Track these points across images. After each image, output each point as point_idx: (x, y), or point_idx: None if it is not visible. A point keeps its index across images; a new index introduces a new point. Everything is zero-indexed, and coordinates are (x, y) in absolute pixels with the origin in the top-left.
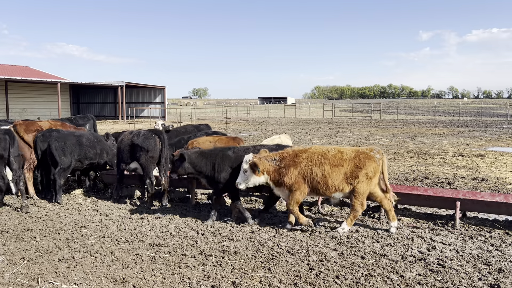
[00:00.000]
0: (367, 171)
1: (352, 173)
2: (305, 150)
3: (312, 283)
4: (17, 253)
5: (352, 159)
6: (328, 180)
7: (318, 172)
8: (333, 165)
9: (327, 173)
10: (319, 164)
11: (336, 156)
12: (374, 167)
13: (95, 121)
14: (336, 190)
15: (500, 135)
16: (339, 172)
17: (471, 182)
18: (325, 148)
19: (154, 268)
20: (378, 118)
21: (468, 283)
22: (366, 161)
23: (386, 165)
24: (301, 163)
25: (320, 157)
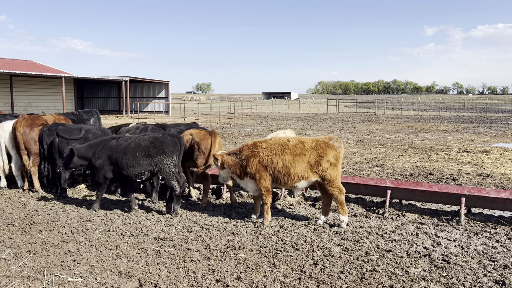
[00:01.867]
0: (329, 159)
1: (316, 161)
2: (265, 141)
3: (316, 278)
4: (23, 246)
5: (314, 148)
6: (290, 169)
7: (279, 161)
8: (295, 154)
9: (289, 162)
10: (280, 154)
11: (297, 146)
12: (335, 154)
13: (99, 115)
14: (300, 179)
15: (505, 131)
16: (301, 161)
17: (476, 178)
18: (286, 138)
19: (159, 262)
20: (382, 113)
21: (473, 279)
22: (327, 149)
23: (342, 155)
24: (260, 153)
25: (281, 147)
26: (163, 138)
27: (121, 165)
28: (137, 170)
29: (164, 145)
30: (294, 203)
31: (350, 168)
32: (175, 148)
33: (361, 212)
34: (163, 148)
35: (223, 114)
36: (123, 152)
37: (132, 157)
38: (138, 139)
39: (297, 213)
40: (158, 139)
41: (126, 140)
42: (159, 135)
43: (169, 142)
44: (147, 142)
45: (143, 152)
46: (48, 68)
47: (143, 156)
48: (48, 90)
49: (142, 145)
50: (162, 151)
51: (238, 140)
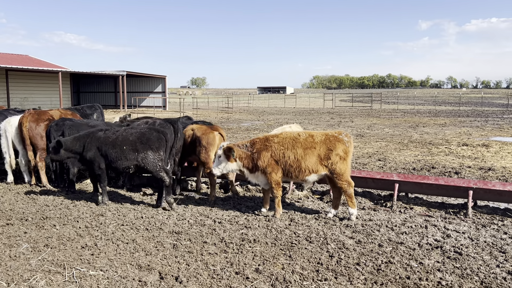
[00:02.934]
0: (338, 152)
1: (325, 154)
2: (276, 135)
3: (334, 270)
4: (40, 241)
5: (323, 141)
6: (302, 163)
7: (290, 155)
8: (306, 148)
9: (300, 156)
10: (291, 147)
11: (307, 139)
12: (344, 148)
13: (102, 110)
14: (311, 172)
15: (502, 125)
16: (312, 154)
17: (478, 171)
18: (296, 132)
19: (177, 255)
20: (379, 108)
21: (486, 270)
22: (336, 143)
23: (352, 150)
24: (272, 147)
25: (292, 141)
26: (150, 134)
27: (110, 157)
28: (124, 163)
29: (150, 141)
30: (302, 197)
31: (353, 162)
32: (161, 144)
33: (369, 205)
34: (150, 144)
35: (220, 108)
36: (112, 145)
37: (120, 150)
38: (125, 132)
39: (306, 207)
40: (145, 135)
41: (114, 133)
42: (146, 131)
43: (155, 138)
44: (135, 137)
45: (130, 146)
46: (44, 63)
47: (130, 150)
48: (44, 85)
49: (130, 140)
50: (149, 147)
51: (238, 134)
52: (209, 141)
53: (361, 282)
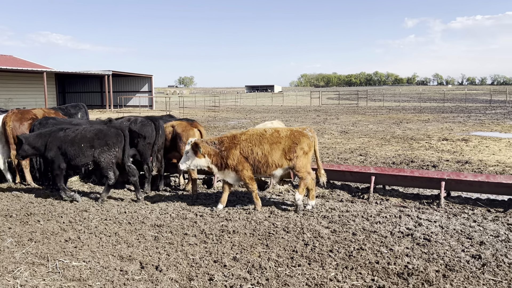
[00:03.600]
0: (302, 146)
1: (290, 149)
2: (244, 132)
3: (308, 256)
4: (24, 235)
5: (288, 136)
6: (269, 158)
7: (258, 151)
8: (272, 143)
9: (267, 151)
10: (259, 144)
11: (273, 134)
12: (308, 143)
13: (87, 109)
14: (277, 166)
15: (483, 120)
16: (277, 149)
17: (455, 164)
18: (262, 129)
19: (158, 247)
20: (365, 105)
21: (452, 255)
22: (300, 137)
23: (317, 144)
24: (241, 145)
25: (259, 137)
26: (107, 130)
27: (70, 155)
28: (83, 160)
29: (107, 137)
30: (283, 191)
31: (335, 158)
32: (118, 140)
33: (347, 197)
34: (106, 140)
35: (207, 107)
36: (71, 143)
37: (79, 147)
38: (84, 130)
39: (286, 200)
40: (102, 131)
41: (74, 131)
42: (104, 128)
43: (112, 134)
44: (92, 134)
45: (88, 143)
46: (28, 63)
47: (88, 147)
48: (29, 85)
49: (88, 137)
50: (105, 143)
51: (224, 132)
52: (189, 137)
53: (332, 267)
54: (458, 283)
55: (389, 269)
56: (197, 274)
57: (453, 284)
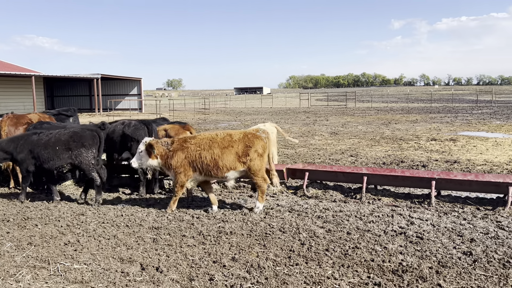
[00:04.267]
0: (256, 149)
1: (244, 152)
2: (195, 136)
3: (304, 255)
4: (23, 239)
5: (242, 139)
6: (219, 161)
7: (207, 156)
8: (223, 147)
9: (217, 155)
10: (208, 148)
11: (225, 138)
12: (263, 145)
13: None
14: (229, 169)
15: (470, 120)
16: (229, 153)
17: (444, 164)
18: (214, 133)
19: (157, 248)
20: (353, 106)
21: (444, 251)
22: (254, 140)
23: (271, 146)
24: (189, 148)
25: (209, 141)
26: (82, 132)
27: (43, 158)
28: (57, 163)
29: (83, 139)
30: (277, 192)
31: (326, 159)
32: (94, 142)
33: (340, 198)
34: (82, 142)
35: (197, 110)
36: (44, 146)
37: (53, 150)
38: (58, 133)
39: (280, 201)
40: (77, 133)
41: (47, 135)
42: (79, 130)
43: (88, 136)
44: (67, 136)
45: (63, 145)
46: (15, 67)
47: (63, 149)
48: (16, 89)
49: (62, 139)
50: (82, 144)
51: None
52: None
53: (329, 265)
54: (451, 278)
55: (384, 267)
56: (198, 275)
57: (446, 280)
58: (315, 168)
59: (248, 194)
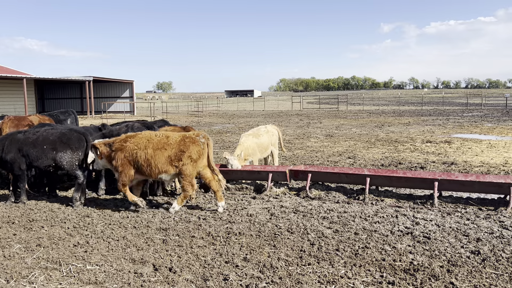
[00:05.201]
0: (190, 154)
1: (176, 156)
2: (134, 135)
3: (316, 256)
4: (31, 241)
5: (177, 143)
6: (152, 162)
7: (142, 155)
8: (157, 148)
9: (150, 156)
10: (144, 148)
11: (161, 140)
12: (198, 150)
13: (76, 115)
14: (161, 172)
15: (462, 123)
16: (162, 155)
17: (442, 166)
18: (154, 133)
19: (167, 249)
20: (345, 109)
21: (452, 251)
22: (190, 145)
23: (212, 149)
24: (127, 147)
25: (146, 141)
26: (70, 134)
27: (31, 157)
28: (45, 162)
29: (70, 141)
30: (280, 194)
31: (324, 161)
32: (81, 145)
33: (343, 199)
34: (69, 144)
35: (190, 112)
36: (33, 145)
37: (41, 150)
38: (46, 133)
39: (284, 202)
40: (65, 135)
41: (35, 133)
42: (67, 131)
43: (75, 139)
44: (55, 137)
45: (50, 145)
46: (6, 69)
47: (50, 149)
48: (7, 92)
49: (50, 139)
50: (68, 146)
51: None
52: None
53: (341, 265)
54: (463, 277)
55: (395, 266)
56: (212, 275)
57: (458, 278)
58: (318, 169)
59: (251, 195)
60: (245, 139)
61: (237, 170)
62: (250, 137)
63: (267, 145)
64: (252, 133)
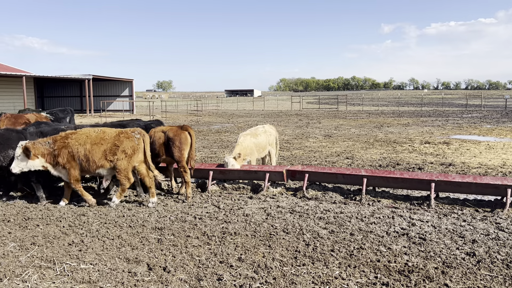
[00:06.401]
0: (124, 149)
1: (111, 150)
2: (75, 132)
3: (310, 256)
4: (26, 240)
5: (112, 138)
6: (90, 157)
7: (82, 150)
8: (94, 143)
9: (88, 151)
10: (83, 143)
11: (98, 136)
12: (133, 145)
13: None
14: (98, 167)
15: (461, 124)
16: (98, 150)
17: (440, 167)
18: (93, 129)
19: (162, 249)
20: (344, 109)
21: (447, 252)
22: (124, 140)
23: (148, 145)
24: (70, 144)
25: (85, 137)
26: (8, 134)
27: None
28: None
29: (9, 141)
30: (277, 194)
31: (322, 161)
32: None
33: (339, 199)
34: (9, 144)
35: (189, 111)
36: None
37: None
38: None
39: (280, 203)
40: (3, 135)
41: None
42: (4, 131)
43: (14, 138)
44: None
45: None
46: (5, 67)
47: None
48: (6, 89)
49: None
50: (9, 146)
51: (209, 137)
52: (181, 140)
53: (336, 265)
54: (457, 278)
55: (390, 267)
56: (205, 275)
57: (453, 280)
58: (315, 169)
59: (248, 195)
60: (243, 139)
61: (234, 170)
62: (248, 137)
63: (265, 145)
64: (250, 133)
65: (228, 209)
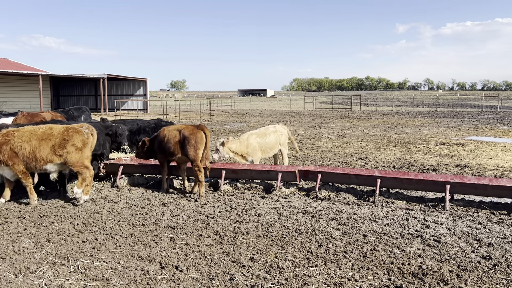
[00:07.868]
0: (74, 143)
1: (60, 145)
2: (18, 129)
3: (323, 257)
4: (41, 236)
5: (61, 133)
6: (37, 153)
7: (26, 147)
8: (41, 139)
9: (35, 147)
10: (28, 140)
11: (45, 132)
12: (82, 139)
13: (90, 112)
14: (46, 162)
15: (477, 125)
16: (46, 146)
17: (455, 168)
18: (37, 126)
19: (175, 247)
20: (358, 109)
21: (462, 255)
22: (73, 134)
23: (95, 140)
24: (11, 141)
25: (30, 134)
26: None
27: None
28: None
29: None
30: (289, 194)
31: (335, 161)
32: None
33: (352, 200)
34: None
35: (203, 111)
36: None
37: None
38: None
39: (293, 203)
40: None
41: None
42: None
43: None
44: None
45: None
46: (23, 66)
47: None
48: (23, 88)
49: None
50: None
51: (222, 136)
52: (197, 139)
53: (349, 267)
54: (472, 282)
55: (404, 269)
56: (218, 274)
57: (468, 284)
58: (328, 170)
59: (260, 195)
60: (247, 136)
61: (247, 170)
62: (253, 136)
63: (273, 144)
64: (257, 132)
65: (240, 209)
